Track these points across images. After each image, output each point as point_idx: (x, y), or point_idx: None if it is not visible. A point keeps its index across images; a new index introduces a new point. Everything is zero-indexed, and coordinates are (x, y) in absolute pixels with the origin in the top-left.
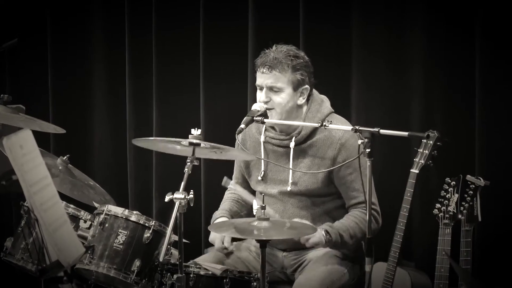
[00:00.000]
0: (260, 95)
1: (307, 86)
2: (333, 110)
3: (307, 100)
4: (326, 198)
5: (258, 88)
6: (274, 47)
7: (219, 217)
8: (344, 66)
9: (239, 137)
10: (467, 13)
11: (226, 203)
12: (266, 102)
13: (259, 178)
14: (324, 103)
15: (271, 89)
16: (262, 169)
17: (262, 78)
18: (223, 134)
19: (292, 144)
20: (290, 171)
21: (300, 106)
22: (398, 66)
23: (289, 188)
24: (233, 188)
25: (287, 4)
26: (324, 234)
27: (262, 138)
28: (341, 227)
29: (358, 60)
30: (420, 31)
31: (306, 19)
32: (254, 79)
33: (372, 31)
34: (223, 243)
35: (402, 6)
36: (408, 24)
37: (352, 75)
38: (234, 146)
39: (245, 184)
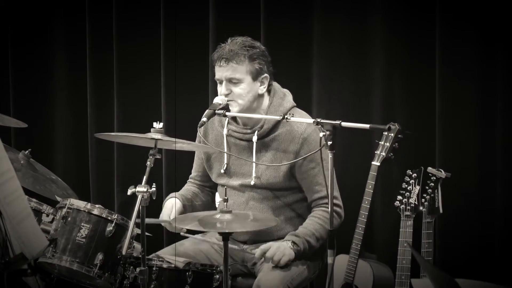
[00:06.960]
0: (221, 89)
1: (266, 74)
2: (295, 104)
3: (269, 92)
4: (287, 192)
5: (218, 82)
6: (229, 40)
7: (170, 197)
8: (305, 59)
9: (201, 130)
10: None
11: (183, 191)
12: (226, 95)
13: (222, 171)
14: (286, 97)
15: (230, 81)
16: (225, 162)
17: (220, 71)
18: (185, 127)
19: (255, 138)
20: (253, 164)
21: (261, 96)
22: (359, 60)
23: (252, 182)
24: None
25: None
26: (291, 246)
27: (225, 131)
28: (306, 232)
29: (319, 53)
30: (381, 22)
31: (266, 12)
32: (214, 73)
33: (333, 24)
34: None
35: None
36: (369, 16)
37: (313, 67)
38: (196, 140)
39: (205, 177)
